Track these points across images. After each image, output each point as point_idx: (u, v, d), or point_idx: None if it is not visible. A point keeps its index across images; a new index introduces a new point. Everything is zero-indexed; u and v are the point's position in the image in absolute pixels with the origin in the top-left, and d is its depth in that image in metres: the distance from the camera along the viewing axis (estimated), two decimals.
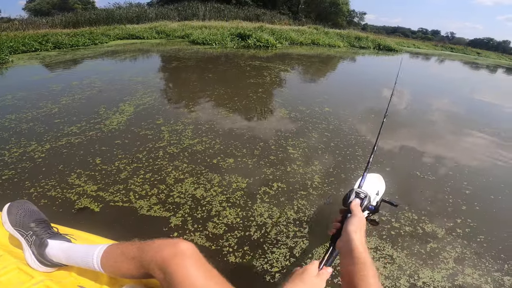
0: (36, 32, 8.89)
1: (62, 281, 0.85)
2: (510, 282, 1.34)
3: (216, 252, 1.36)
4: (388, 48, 14.70)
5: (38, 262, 0.86)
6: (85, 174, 1.87)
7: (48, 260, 0.86)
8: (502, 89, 8.39)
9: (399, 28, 73.68)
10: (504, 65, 17.58)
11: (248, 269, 1.30)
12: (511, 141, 3.35)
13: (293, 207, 1.74)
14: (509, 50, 53.33)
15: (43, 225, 0.91)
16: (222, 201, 1.73)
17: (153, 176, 1.91)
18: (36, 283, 0.79)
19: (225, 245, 1.41)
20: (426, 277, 1.33)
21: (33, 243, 0.87)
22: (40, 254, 0.86)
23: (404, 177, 2.22)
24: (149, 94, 3.59)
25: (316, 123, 3.11)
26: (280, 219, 1.62)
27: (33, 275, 0.82)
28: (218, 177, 1.97)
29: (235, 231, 1.51)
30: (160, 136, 2.48)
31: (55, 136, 2.35)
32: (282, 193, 1.86)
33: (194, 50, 8.15)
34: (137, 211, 1.59)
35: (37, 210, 0.95)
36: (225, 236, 1.46)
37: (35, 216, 0.91)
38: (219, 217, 1.59)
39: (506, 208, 1.95)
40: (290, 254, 1.39)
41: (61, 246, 0.87)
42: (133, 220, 1.53)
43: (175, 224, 1.52)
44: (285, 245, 1.44)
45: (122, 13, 13.94)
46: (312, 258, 1.37)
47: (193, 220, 1.55)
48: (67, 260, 0.85)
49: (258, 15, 18.91)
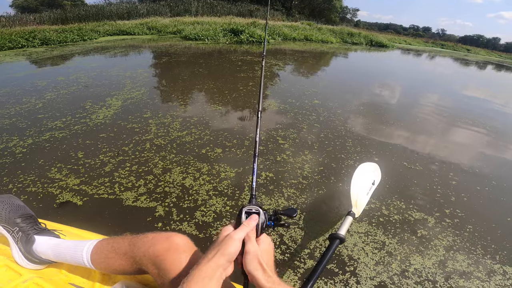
0: (23, 29, 8.66)
1: (53, 279, 0.81)
2: (500, 270, 1.34)
3: (205, 240, 1.35)
4: (380, 44, 14.78)
5: (26, 259, 0.82)
6: (66, 168, 1.81)
7: (36, 257, 0.82)
8: (487, 84, 8.51)
9: (391, 25, 74.34)
10: (494, 62, 17.84)
11: None
12: (496, 134, 3.39)
13: (283, 195, 1.73)
14: (499, 47, 54.23)
15: (29, 220, 0.86)
16: (209, 189, 1.71)
17: (140, 167, 1.87)
18: (25, 280, 0.76)
19: (214, 233, 1.39)
20: (418, 264, 1.33)
21: (20, 240, 0.83)
22: (28, 251, 0.82)
23: (392, 167, 2.21)
24: (137, 89, 3.52)
25: (306, 115, 3.11)
26: (270, 208, 1.61)
27: (22, 272, 0.79)
28: (207, 166, 1.95)
29: (223, 219, 1.49)
30: (147, 129, 2.43)
31: (38, 131, 2.28)
32: (271, 181, 1.84)
33: (186, 46, 8.05)
34: (122, 202, 1.55)
35: (23, 204, 0.90)
36: (214, 224, 1.44)
37: (21, 211, 0.87)
38: (207, 206, 1.57)
39: (494, 199, 1.96)
40: (280, 240, 1.37)
41: (49, 243, 0.83)
42: (118, 211, 1.49)
43: (161, 213, 1.49)
44: (276, 232, 1.42)
45: (112, 9, 13.67)
46: (302, 246, 1.36)
47: (180, 209, 1.52)
48: (55, 257, 0.81)
49: (252, 11, 18.77)
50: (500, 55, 28.28)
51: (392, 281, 1.23)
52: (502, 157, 2.70)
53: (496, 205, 1.89)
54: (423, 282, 1.23)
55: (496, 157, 2.68)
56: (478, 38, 64.04)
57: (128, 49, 7.16)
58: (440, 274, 1.28)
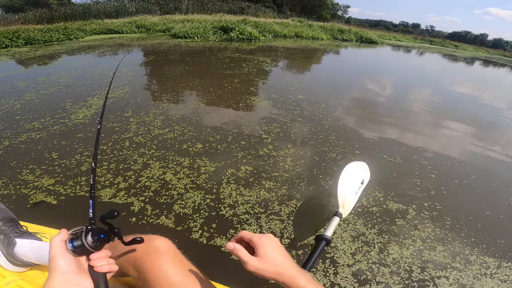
0: (7, 29, 8.45)
1: (36, 281, 0.81)
2: (479, 261, 1.38)
3: (184, 232, 1.37)
4: (370, 40, 14.87)
5: (8, 262, 0.82)
6: (40, 169, 1.78)
7: (18, 259, 0.82)
8: (468, 78, 8.65)
9: (381, 22, 74.97)
10: (481, 57, 18.14)
11: (217, 248, 1.29)
12: (477, 127, 3.46)
13: (264, 187, 1.75)
14: (487, 43, 55.16)
15: (10, 223, 0.87)
16: (187, 183, 1.71)
17: (118, 165, 1.86)
18: (8, 283, 0.76)
19: (192, 225, 1.41)
20: (395, 253, 1.36)
21: (2, 242, 0.83)
22: (9, 254, 0.82)
23: (373, 160, 2.24)
24: (120, 88, 3.48)
25: (290, 109, 3.14)
26: (251, 199, 1.63)
27: (5, 275, 0.80)
28: (188, 160, 1.96)
29: (201, 211, 1.51)
30: (128, 127, 2.40)
31: (16, 132, 2.23)
32: (252, 174, 1.86)
33: (175, 44, 7.97)
34: (99, 199, 1.54)
35: (4, 207, 0.91)
36: (193, 217, 1.46)
37: (2, 214, 0.88)
38: (184, 199, 1.58)
39: (472, 192, 2.00)
40: (259, 229, 1.37)
41: (30, 245, 0.83)
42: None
43: (138, 208, 1.49)
44: (257, 223, 1.42)
45: (100, 8, 13.43)
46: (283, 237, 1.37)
47: (158, 204, 1.53)
48: (37, 259, 0.81)
49: (243, 8, 18.68)
50: (488, 51, 28.83)
51: (371, 270, 1.26)
52: (482, 151, 2.76)
53: (475, 198, 1.93)
54: (399, 272, 1.25)
55: (476, 151, 2.74)
56: (466, 34, 65.04)
57: (115, 48, 7.05)
58: (417, 264, 1.31)
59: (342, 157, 2.22)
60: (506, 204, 1.88)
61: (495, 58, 20.29)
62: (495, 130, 3.42)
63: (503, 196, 1.98)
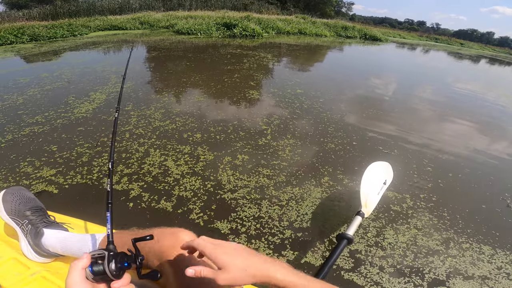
0: (12, 25, 8.55)
1: (59, 272, 0.81)
2: (475, 249, 1.40)
3: (184, 214, 1.45)
4: (374, 38, 14.71)
5: (34, 252, 0.82)
6: (40, 161, 1.82)
7: (44, 250, 0.82)
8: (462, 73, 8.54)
9: (386, 19, 74.07)
10: (487, 55, 17.88)
11: (214, 229, 1.36)
12: (475, 124, 3.44)
13: (264, 174, 1.83)
14: (493, 41, 54.29)
15: (39, 213, 0.86)
16: (184, 170, 1.76)
17: (120, 154, 1.92)
18: (33, 274, 0.76)
19: (191, 207, 1.49)
20: (391, 238, 1.42)
21: (29, 233, 0.82)
22: (36, 244, 0.81)
23: (370, 152, 2.28)
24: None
25: (289, 103, 3.20)
26: (250, 184, 1.71)
27: (29, 266, 0.79)
28: (188, 148, 2.06)
29: (199, 195, 1.59)
30: (128, 120, 2.45)
31: (18, 126, 2.27)
32: (250, 162, 1.93)
33: (178, 40, 8.00)
34: (100, 186, 1.60)
35: (33, 197, 0.90)
36: (192, 200, 1.54)
37: (31, 204, 0.86)
38: (183, 184, 1.64)
39: (468, 186, 2.01)
40: (258, 213, 1.41)
41: (57, 236, 0.83)
42: (96, 195, 1.54)
43: (139, 193, 1.56)
44: (257, 207, 1.46)
45: (104, 4, 13.51)
46: (282, 221, 1.40)
47: (157, 190, 1.59)
48: (63, 251, 0.81)
49: (246, 5, 18.60)
50: (494, 49, 28.37)
51: (368, 251, 1.32)
52: (476, 145, 2.76)
53: (469, 191, 1.95)
54: (393, 254, 1.28)
55: (473, 146, 2.74)
56: (472, 32, 64.12)
57: (119, 44, 7.11)
58: (412, 249, 1.34)
59: (341, 148, 2.28)
60: (499, 198, 1.88)
61: (501, 56, 19.96)
62: (494, 126, 3.41)
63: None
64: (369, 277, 1.20)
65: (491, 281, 1.24)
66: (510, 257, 1.37)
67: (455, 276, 1.24)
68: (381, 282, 1.18)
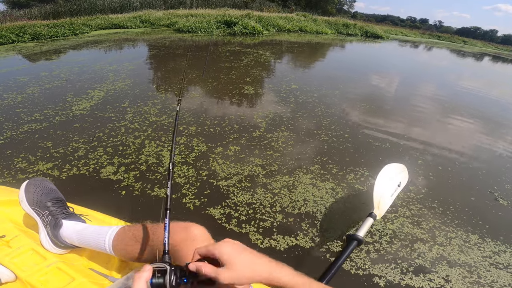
0: (13, 24, 8.62)
1: (74, 264, 0.83)
2: (460, 237, 1.43)
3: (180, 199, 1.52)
4: (375, 35, 14.65)
5: (52, 243, 0.83)
6: (35, 156, 1.86)
7: (62, 241, 0.83)
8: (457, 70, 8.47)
9: (388, 17, 73.61)
10: (490, 53, 17.74)
11: (208, 216, 1.43)
12: (463, 116, 3.44)
13: (261, 162, 1.92)
14: (496, 39, 53.73)
15: (59, 204, 0.87)
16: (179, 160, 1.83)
17: (114, 148, 1.98)
18: (49, 265, 0.77)
19: (187, 193, 1.56)
20: (380, 227, 1.47)
21: (49, 224, 0.83)
22: (55, 235, 0.83)
23: (361, 144, 2.35)
24: (121, 81, 3.56)
25: (284, 97, 3.28)
26: (245, 171, 1.79)
27: (46, 257, 0.80)
28: (183, 139, 2.13)
29: (193, 182, 1.65)
30: (124, 117, 2.50)
31: (17, 124, 2.32)
32: (242, 152, 2.00)
33: (178, 38, 8.03)
34: (98, 176, 1.67)
35: (55, 188, 0.91)
36: (185, 187, 1.61)
37: (52, 195, 0.87)
38: (180, 172, 1.71)
39: (458, 179, 2.04)
40: (252, 202, 1.45)
41: (75, 227, 0.84)
42: (90, 186, 1.61)
43: (132, 184, 1.62)
44: (249, 194, 1.50)
45: (105, 3, 13.55)
46: (275, 206, 1.43)
47: (152, 180, 1.66)
48: (79, 242, 0.82)
49: (247, 3, 18.56)
50: (497, 47, 28.17)
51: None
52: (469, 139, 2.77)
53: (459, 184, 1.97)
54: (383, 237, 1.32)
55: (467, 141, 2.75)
56: (475, 30, 63.57)
57: (119, 43, 7.15)
58: (399, 236, 1.38)
59: (334, 140, 2.35)
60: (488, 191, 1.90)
61: (504, 54, 19.76)
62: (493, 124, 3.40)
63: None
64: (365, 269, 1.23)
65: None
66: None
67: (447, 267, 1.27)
68: (379, 274, 1.21)
